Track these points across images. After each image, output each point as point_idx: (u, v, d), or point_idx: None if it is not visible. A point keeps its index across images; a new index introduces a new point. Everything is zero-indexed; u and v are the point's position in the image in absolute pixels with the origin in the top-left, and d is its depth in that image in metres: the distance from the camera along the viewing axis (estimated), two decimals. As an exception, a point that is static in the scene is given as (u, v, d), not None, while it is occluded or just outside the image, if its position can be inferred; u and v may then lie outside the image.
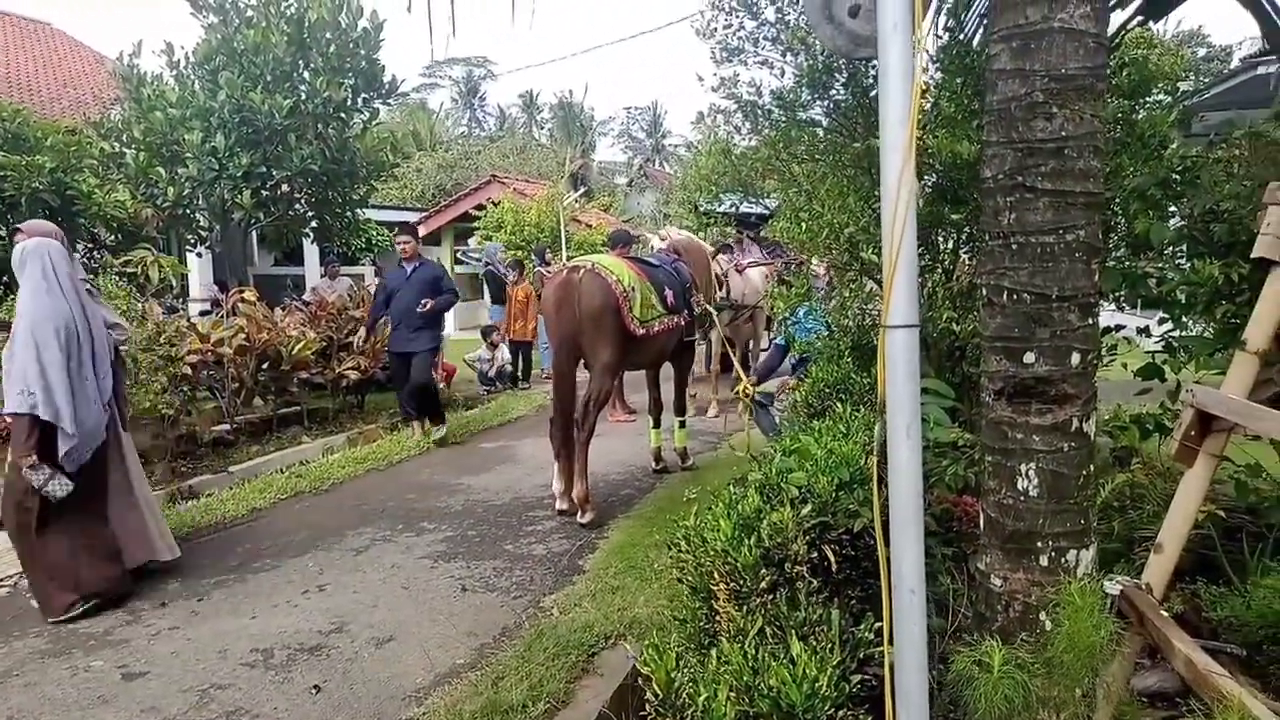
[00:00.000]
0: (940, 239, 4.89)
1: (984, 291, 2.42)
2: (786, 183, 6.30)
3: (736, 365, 6.57)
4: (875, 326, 4.66)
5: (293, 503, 6.13)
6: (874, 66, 4.46)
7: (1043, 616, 2.28)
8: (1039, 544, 2.33)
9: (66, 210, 8.36)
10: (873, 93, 4.81)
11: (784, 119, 5.41)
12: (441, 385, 10.27)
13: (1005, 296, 2.33)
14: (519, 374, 11.56)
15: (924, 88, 4.09)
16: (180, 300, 11.10)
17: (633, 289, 5.62)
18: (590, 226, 17.42)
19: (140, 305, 7.31)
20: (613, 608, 3.95)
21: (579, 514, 5.38)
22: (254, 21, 9.69)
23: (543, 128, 46.56)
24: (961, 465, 3.27)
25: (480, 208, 17.83)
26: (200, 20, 9.86)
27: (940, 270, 4.78)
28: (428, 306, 7.51)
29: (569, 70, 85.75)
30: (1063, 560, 2.33)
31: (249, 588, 4.52)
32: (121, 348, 4.69)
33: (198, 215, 10.37)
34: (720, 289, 8.57)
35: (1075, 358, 2.29)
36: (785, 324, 5.88)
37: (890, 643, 1.87)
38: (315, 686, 3.40)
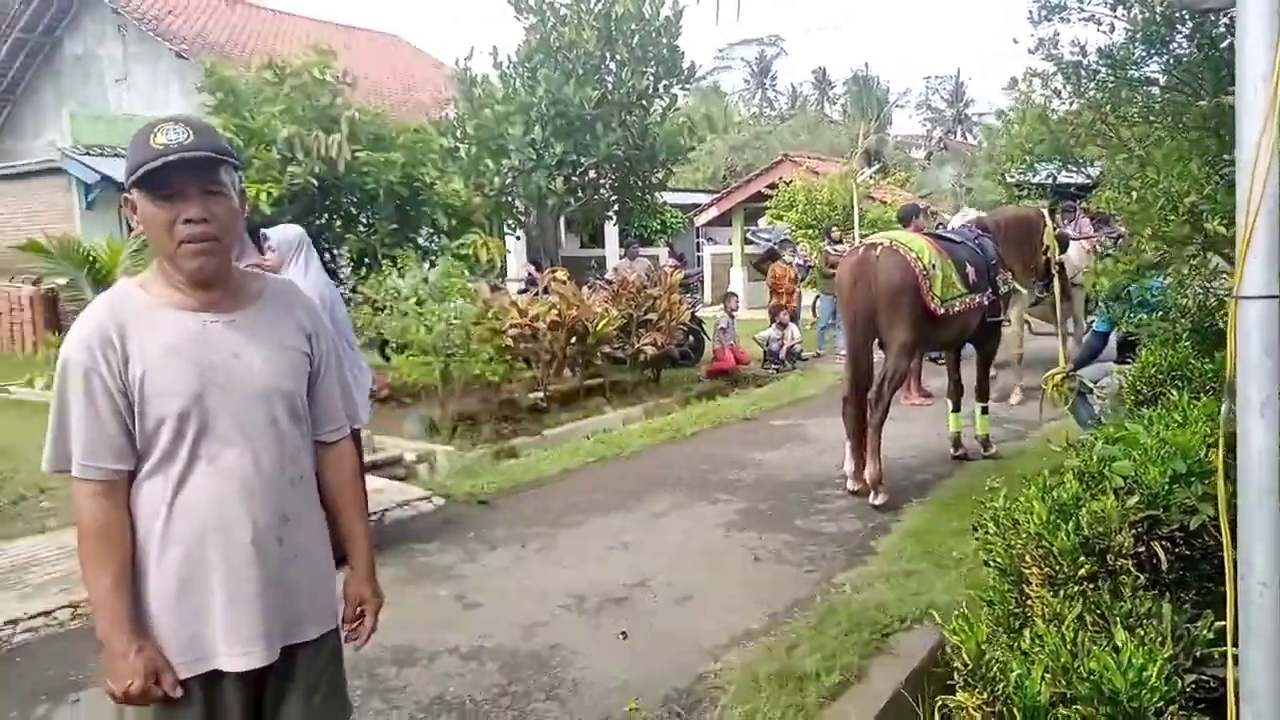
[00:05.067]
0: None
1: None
2: (1113, 149, 5.74)
3: (1063, 348, 6.13)
4: (1221, 307, 4.15)
5: (598, 466, 6.62)
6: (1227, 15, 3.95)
7: None
8: None
9: (414, 200, 9.58)
10: (1223, 44, 4.25)
11: (1112, 79, 4.93)
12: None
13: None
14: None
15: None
16: (500, 279, 12.31)
17: (933, 266, 5.43)
18: (885, 203, 16.89)
19: (473, 284, 8.26)
20: (907, 591, 3.90)
21: (871, 495, 5.32)
22: (567, 19, 10.44)
23: (835, 103, 45.68)
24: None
25: (772, 187, 17.91)
26: (522, 22, 10.80)
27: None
28: None
29: (864, 41, 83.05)
30: None
31: (562, 539, 4.98)
32: None
33: (517, 202, 11.41)
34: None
35: None
36: (1108, 305, 5.37)
37: (1235, 644, 1.71)
38: (623, 633, 3.70)
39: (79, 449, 1.69)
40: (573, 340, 8.74)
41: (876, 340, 5.63)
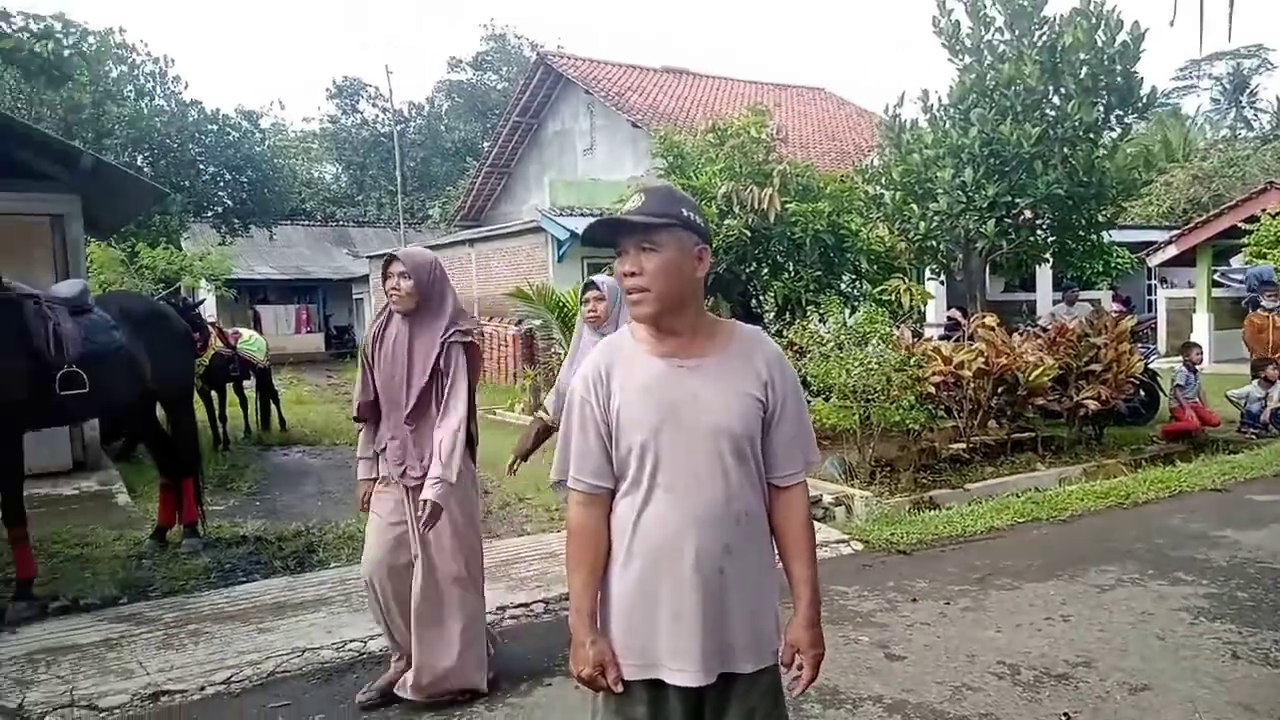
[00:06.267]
0: None
1: None
2: None
3: None
4: None
5: (1029, 528, 6.13)
6: None
7: None
8: None
9: (838, 247, 9.78)
10: None
11: None
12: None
13: None
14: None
15: None
16: (919, 324, 12.01)
17: None
18: None
19: (894, 330, 8.20)
20: None
21: (1402, 599, 4.27)
22: (1005, 56, 9.98)
23: (1342, 118, 37.64)
24: None
25: (1251, 220, 15.28)
26: (956, 63, 10.55)
27: None
28: None
29: (1384, 40, 67.24)
30: None
31: (990, 602, 4.69)
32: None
33: (942, 246, 11.08)
34: None
35: None
36: None
37: None
38: (1065, 715, 3.39)
39: (572, 465, 2.01)
40: (1000, 390, 8.25)
41: None
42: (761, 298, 10.63)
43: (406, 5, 72.45)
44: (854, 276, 10.41)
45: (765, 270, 10.16)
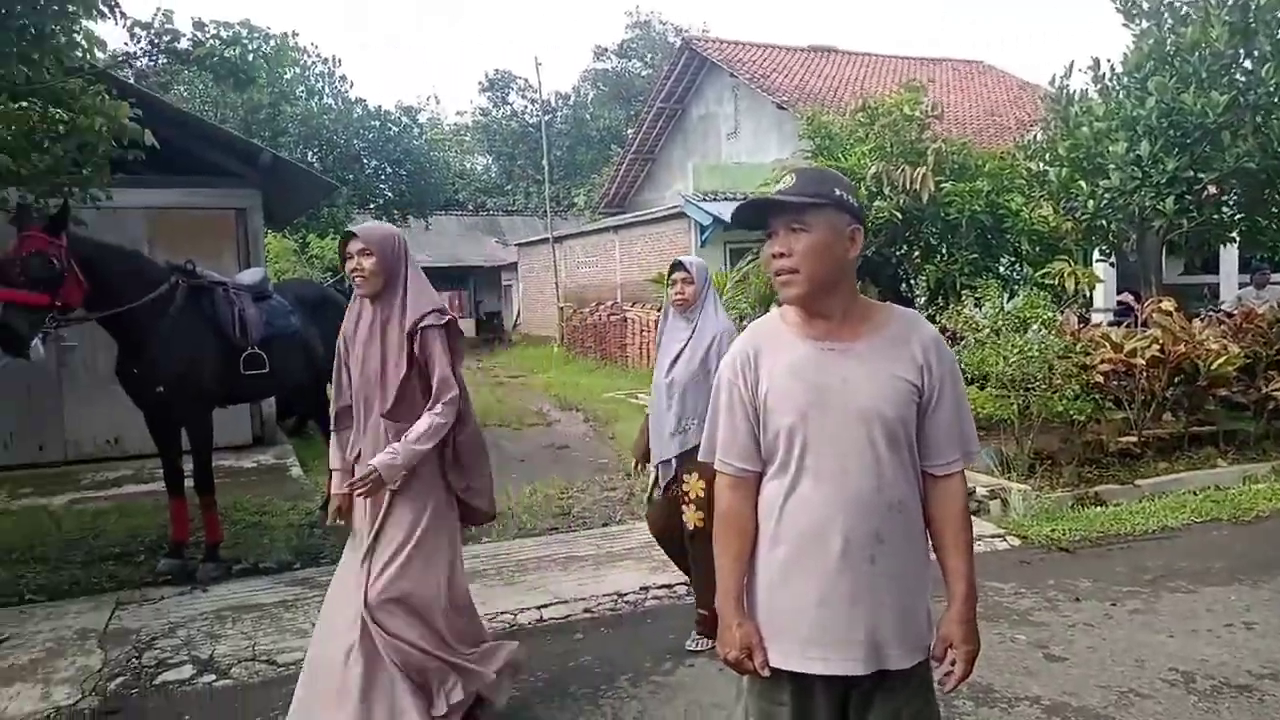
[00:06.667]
0: None
1: None
2: None
3: None
4: None
5: (1208, 528, 5.70)
6: None
7: None
8: None
9: (997, 228, 9.30)
10: None
11: None
12: None
13: None
14: None
15: None
16: (1086, 309, 11.29)
17: None
18: None
19: (1058, 315, 7.74)
20: None
21: None
22: (1189, 19, 9.19)
23: None
24: None
25: None
26: (1131, 29, 9.80)
27: None
28: None
29: None
30: None
31: (1162, 605, 4.39)
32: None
33: (1113, 225, 10.35)
34: None
35: None
36: None
37: None
38: (1250, 728, 3.14)
39: (720, 447, 2.01)
40: (1177, 380, 7.65)
41: None
42: (913, 281, 10.24)
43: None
44: (1013, 259, 9.86)
45: (917, 253, 9.78)
